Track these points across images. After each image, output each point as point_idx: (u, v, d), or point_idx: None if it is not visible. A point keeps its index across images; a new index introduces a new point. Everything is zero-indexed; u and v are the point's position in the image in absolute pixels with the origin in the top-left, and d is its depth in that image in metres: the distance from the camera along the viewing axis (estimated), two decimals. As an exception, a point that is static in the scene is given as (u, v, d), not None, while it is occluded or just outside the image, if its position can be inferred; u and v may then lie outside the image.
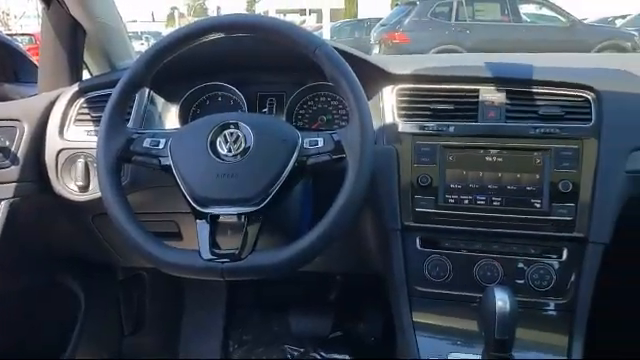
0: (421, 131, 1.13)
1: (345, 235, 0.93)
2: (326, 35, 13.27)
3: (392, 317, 1.18)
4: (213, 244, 0.92)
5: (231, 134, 0.96)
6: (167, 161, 0.97)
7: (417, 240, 1.13)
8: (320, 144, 0.95)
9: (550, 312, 1.08)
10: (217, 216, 0.93)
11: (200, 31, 0.98)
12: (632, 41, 9.91)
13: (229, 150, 0.95)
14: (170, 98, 1.31)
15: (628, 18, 13.37)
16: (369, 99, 1.05)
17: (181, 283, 1.89)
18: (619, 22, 13.18)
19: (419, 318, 1.10)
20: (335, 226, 0.89)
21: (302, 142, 0.95)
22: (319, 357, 1.75)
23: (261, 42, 0.98)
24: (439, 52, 8.60)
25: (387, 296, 1.21)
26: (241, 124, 0.96)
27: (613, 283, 1.13)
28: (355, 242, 1.27)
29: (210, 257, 0.90)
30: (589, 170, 1.06)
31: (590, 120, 1.08)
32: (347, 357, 1.75)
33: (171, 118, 1.30)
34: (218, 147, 0.95)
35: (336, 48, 0.98)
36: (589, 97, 1.09)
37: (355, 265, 1.46)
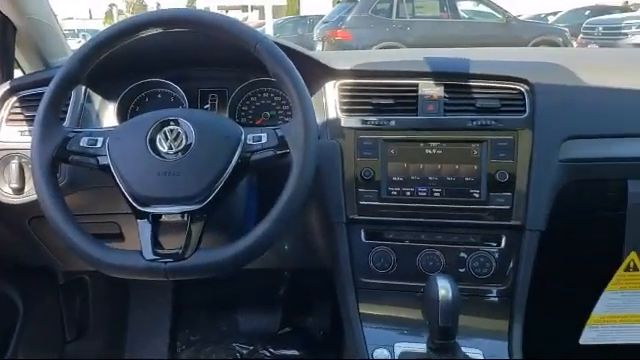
0: (363, 125, 1.14)
1: (291, 230, 0.93)
2: (269, 32, 13.21)
3: (340, 310, 1.19)
4: (156, 244, 0.90)
5: (171, 131, 0.94)
6: (105, 160, 0.95)
7: (362, 232, 1.14)
8: (264, 140, 0.94)
9: (491, 298, 1.11)
10: (159, 215, 0.92)
11: (136, 27, 0.96)
12: (563, 36, 10.36)
13: (170, 147, 0.93)
14: (108, 96, 1.27)
15: (559, 15, 13.97)
16: (312, 94, 1.05)
17: (126, 286, 1.85)
18: (551, 18, 13.74)
19: (365, 309, 1.12)
20: (280, 222, 0.89)
21: (245, 138, 0.95)
22: (268, 354, 1.75)
23: (201, 37, 0.97)
24: (381, 48, 8.70)
25: (334, 289, 1.22)
26: (182, 120, 0.95)
27: (549, 268, 1.18)
28: (301, 237, 1.28)
29: (153, 257, 0.89)
30: (524, 160, 1.09)
31: (524, 112, 1.12)
32: (296, 352, 1.75)
33: (109, 116, 1.27)
34: (158, 145, 0.93)
35: (278, 44, 0.98)
36: (523, 89, 1.13)
37: (302, 260, 1.46)
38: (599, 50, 4.24)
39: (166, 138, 0.94)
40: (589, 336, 1.20)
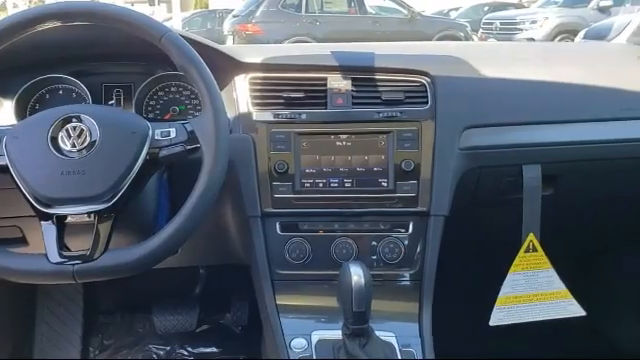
0: (275, 119, 1.15)
1: (204, 226, 0.92)
2: (177, 26, 12.83)
3: (257, 303, 1.20)
4: (62, 246, 0.87)
5: (74, 128, 0.90)
6: (3, 161, 0.90)
7: (277, 225, 1.15)
8: (172, 135, 0.93)
9: (402, 282, 1.16)
10: (64, 217, 0.88)
11: (31, 20, 0.91)
12: (464, 31, 10.88)
13: (73, 145, 0.89)
14: (3, 93, 1.20)
15: (460, 10, 14.62)
16: (222, 88, 1.05)
17: (33, 293, 1.75)
18: (453, 14, 14.33)
19: (282, 301, 1.13)
20: (192, 218, 0.88)
21: (153, 133, 0.93)
22: (186, 353, 1.73)
23: (105, 31, 0.94)
24: (292, 43, 8.73)
25: (252, 283, 1.22)
26: (84, 117, 0.91)
27: (457, 252, 1.24)
28: (216, 232, 1.27)
29: (59, 260, 0.85)
30: (428, 149, 1.14)
31: (427, 103, 1.16)
32: (215, 349, 1.74)
33: (6, 115, 1.19)
34: (60, 143, 0.90)
35: (184, 37, 0.96)
36: (425, 82, 1.18)
37: (218, 256, 1.45)
38: (496, 44, 4.47)
39: (69, 136, 0.90)
40: (497, 317, 1.26)
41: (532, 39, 10.07)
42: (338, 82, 1.17)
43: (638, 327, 1.77)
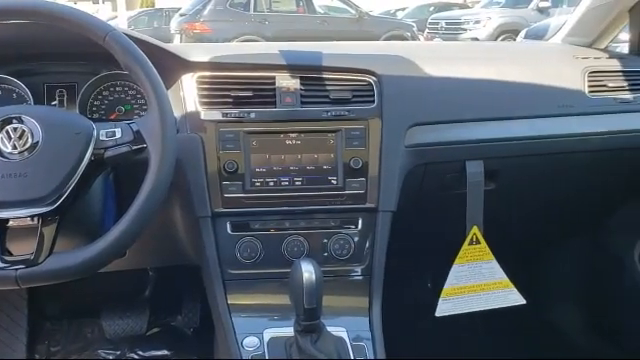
0: (224, 118, 1.14)
1: (152, 227, 0.91)
2: (122, 25, 12.55)
3: (209, 304, 1.19)
4: (4, 251, 0.85)
5: (15, 129, 0.88)
6: None
7: (228, 225, 1.15)
8: (118, 135, 0.91)
9: (352, 278, 1.18)
10: (6, 220, 0.86)
11: None
12: (411, 31, 11.07)
13: (14, 147, 0.87)
14: None
15: (407, 10, 14.85)
16: (168, 88, 1.04)
17: None
18: (400, 14, 14.55)
19: (234, 300, 1.13)
20: (139, 220, 0.87)
21: (98, 134, 0.91)
22: (137, 357, 1.70)
23: (47, 29, 0.92)
24: (241, 42, 8.68)
25: (202, 284, 1.22)
26: (26, 118, 0.89)
27: (406, 246, 1.27)
28: (165, 233, 1.26)
29: (1, 265, 0.83)
30: (375, 147, 1.16)
31: (373, 102, 1.18)
32: (166, 352, 1.72)
33: None
34: (0, 145, 0.87)
35: (129, 35, 0.95)
36: (371, 81, 1.20)
37: (168, 257, 1.43)
38: (441, 44, 4.58)
39: (9, 137, 0.87)
40: (443, 308, 1.30)
41: (476, 39, 10.36)
42: (287, 81, 1.18)
43: (576, 313, 1.85)
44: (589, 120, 1.32)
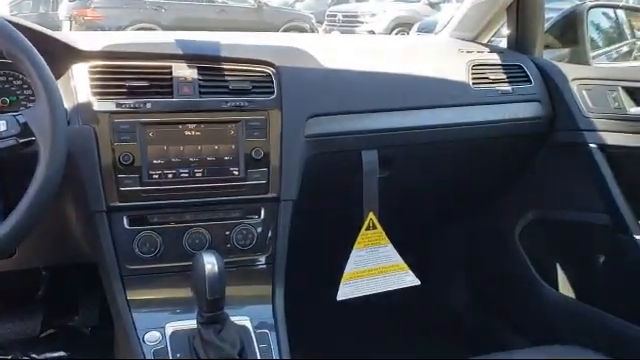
0: (118, 109, 1.11)
1: (44, 224, 0.88)
2: (4, 10, 11.65)
3: (107, 301, 1.16)
4: None
5: None
6: None
7: (124, 219, 1.12)
8: (3, 128, 0.87)
9: (256, 267, 1.19)
10: None
11: None
12: (310, 23, 11.18)
13: None
14: None
15: (305, 2, 14.93)
16: (58, 77, 1.00)
17: None
18: (298, 5, 14.62)
19: (134, 296, 1.11)
20: (28, 216, 0.84)
21: None
22: (30, 360, 1.61)
23: None
24: (136, 31, 8.37)
25: (100, 281, 1.18)
26: None
27: (307, 233, 1.30)
28: (59, 230, 1.21)
29: None
30: (275, 138, 1.18)
31: (273, 93, 1.20)
32: (63, 353, 1.64)
33: None
34: None
35: (11, 22, 0.90)
36: (270, 72, 1.22)
37: (62, 255, 1.37)
38: (338, 37, 4.68)
39: None
40: (344, 292, 1.35)
41: (372, 32, 10.63)
42: (184, 71, 1.16)
43: (465, 291, 1.99)
44: (473, 110, 1.42)
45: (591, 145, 1.42)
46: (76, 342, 1.69)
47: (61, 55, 1.12)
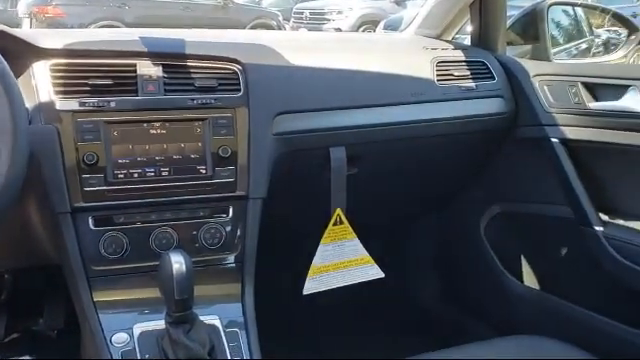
0: (81, 108, 1.09)
1: (5, 227, 0.86)
2: (-42, 6, 11.30)
3: (74, 304, 1.14)
4: None
5: None
6: None
7: (90, 220, 1.10)
8: None
9: (224, 266, 1.18)
10: None
11: None
12: (277, 20, 11.14)
13: None
14: None
15: (271, -1, 14.86)
16: (18, 76, 0.98)
17: None
18: (265, 2, 14.55)
19: (100, 297, 1.09)
20: None
21: None
22: (-6, 365, 1.57)
23: None
24: (100, 28, 8.23)
25: (66, 284, 1.16)
26: None
27: (277, 230, 1.30)
28: (21, 233, 1.18)
29: None
30: (243, 136, 1.18)
31: (239, 90, 1.19)
32: (27, 357, 1.61)
33: None
34: None
35: None
36: (237, 69, 1.21)
37: (25, 258, 1.34)
38: (306, 34, 4.68)
39: None
40: (310, 286, 1.36)
41: (339, 29, 10.66)
42: (149, 69, 1.15)
43: (432, 283, 2.02)
44: (438, 107, 1.44)
45: (553, 139, 1.45)
46: (42, 346, 1.66)
47: (21, 53, 1.09)
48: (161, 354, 1.00)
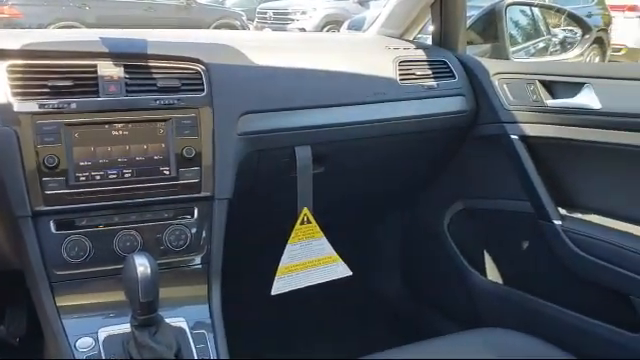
0: (41, 110, 1.07)
1: None
2: None
3: (36, 309, 1.12)
4: None
5: None
6: None
7: (51, 224, 1.08)
8: None
9: (190, 268, 1.18)
10: None
11: None
12: (241, 20, 11.08)
13: None
14: None
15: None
16: None
17: None
18: (229, 2, 14.45)
19: (64, 302, 1.07)
20: None
21: None
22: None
23: None
24: (59, 29, 8.05)
25: (27, 289, 1.14)
26: None
27: (244, 231, 1.30)
28: None
29: None
30: (207, 136, 1.17)
31: (203, 90, 1.19)
32: (-11, 366, 1.57)
33: None
34: None
35: None
36: (200, 69, 1.20)
37: None
38: (269, 34, 4.67)
39: None
40: (278, 286, 1.35)
41: (303, 29, 10.67)
42: (110, 69, 1.13)
43: (397, 281, 2.05)
44: (400, 106, 1.46)
45: (512, 136, 1.49)
46: (3, 353, 1.62)
47: None
48: (127, 357, 0.99)
